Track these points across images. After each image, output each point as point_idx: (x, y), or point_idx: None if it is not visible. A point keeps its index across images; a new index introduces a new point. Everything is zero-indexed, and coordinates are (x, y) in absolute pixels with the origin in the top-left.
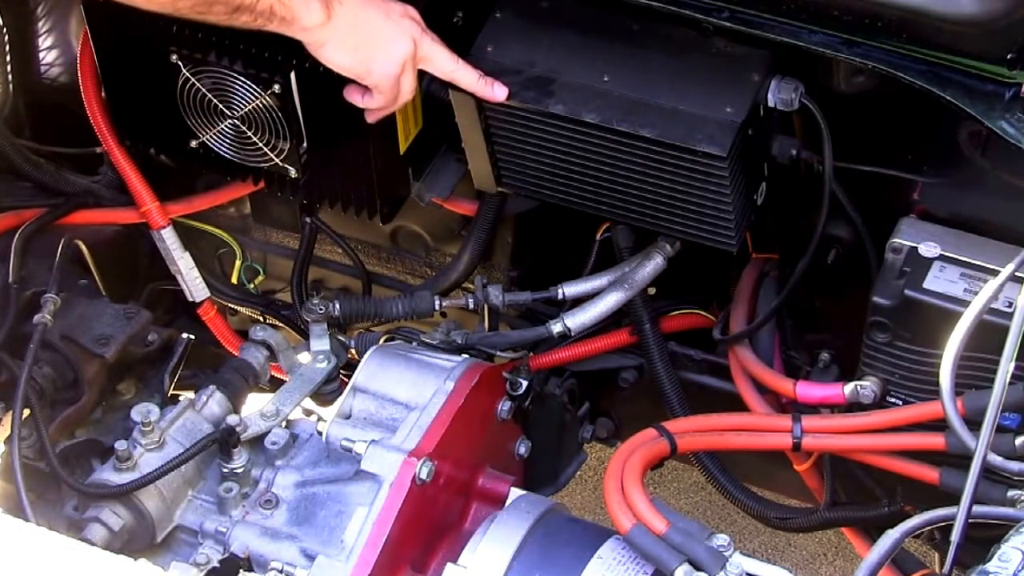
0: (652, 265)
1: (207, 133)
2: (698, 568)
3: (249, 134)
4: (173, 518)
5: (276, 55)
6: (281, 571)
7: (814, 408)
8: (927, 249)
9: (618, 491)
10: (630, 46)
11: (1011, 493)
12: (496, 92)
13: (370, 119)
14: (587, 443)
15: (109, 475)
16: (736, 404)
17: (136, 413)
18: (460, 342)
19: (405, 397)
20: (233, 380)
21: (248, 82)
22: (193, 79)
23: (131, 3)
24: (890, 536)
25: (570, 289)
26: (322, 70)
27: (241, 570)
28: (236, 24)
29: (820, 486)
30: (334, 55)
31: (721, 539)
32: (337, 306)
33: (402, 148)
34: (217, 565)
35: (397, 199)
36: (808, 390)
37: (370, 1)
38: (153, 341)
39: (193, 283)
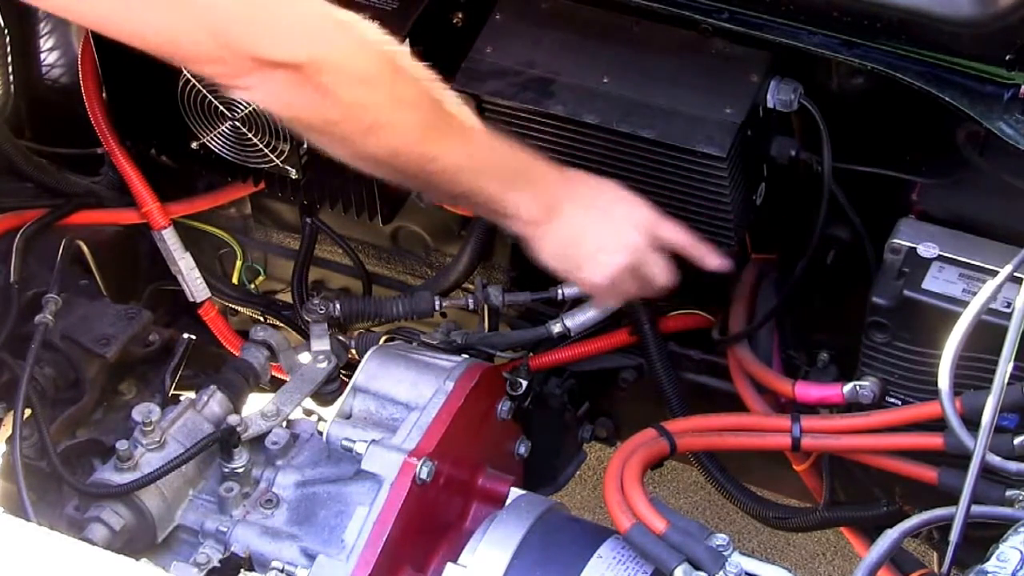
0: None
1: (208, 134)
2: (697, 567)
3: (249, 135)
4: (174, 518)
5: None
6: (282, 571)
7: (813, 408)
8: (926, 250)
9: (618, 491)
10: (630, 47)
11: (1009, 493)
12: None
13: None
14: (587, 443)
15: (110, 475)
16: (736, 404)
17: (137, 413)
18: (460, 342)
19: (405, 397)
20: (234, 380)
21: None
22: (194, 80)
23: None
24: (889, 536)
25: (570, 289)
26: None
27: (242, 570)
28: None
29: (819, 486)
30: (540, 255)
31: (720, 538)
32: (337, 306)
33: None
34: (218, 565)
35: (397, 199)
36: (807, 390)
37: (598, 214)
38: (154, 341)
39: (194, 283)
